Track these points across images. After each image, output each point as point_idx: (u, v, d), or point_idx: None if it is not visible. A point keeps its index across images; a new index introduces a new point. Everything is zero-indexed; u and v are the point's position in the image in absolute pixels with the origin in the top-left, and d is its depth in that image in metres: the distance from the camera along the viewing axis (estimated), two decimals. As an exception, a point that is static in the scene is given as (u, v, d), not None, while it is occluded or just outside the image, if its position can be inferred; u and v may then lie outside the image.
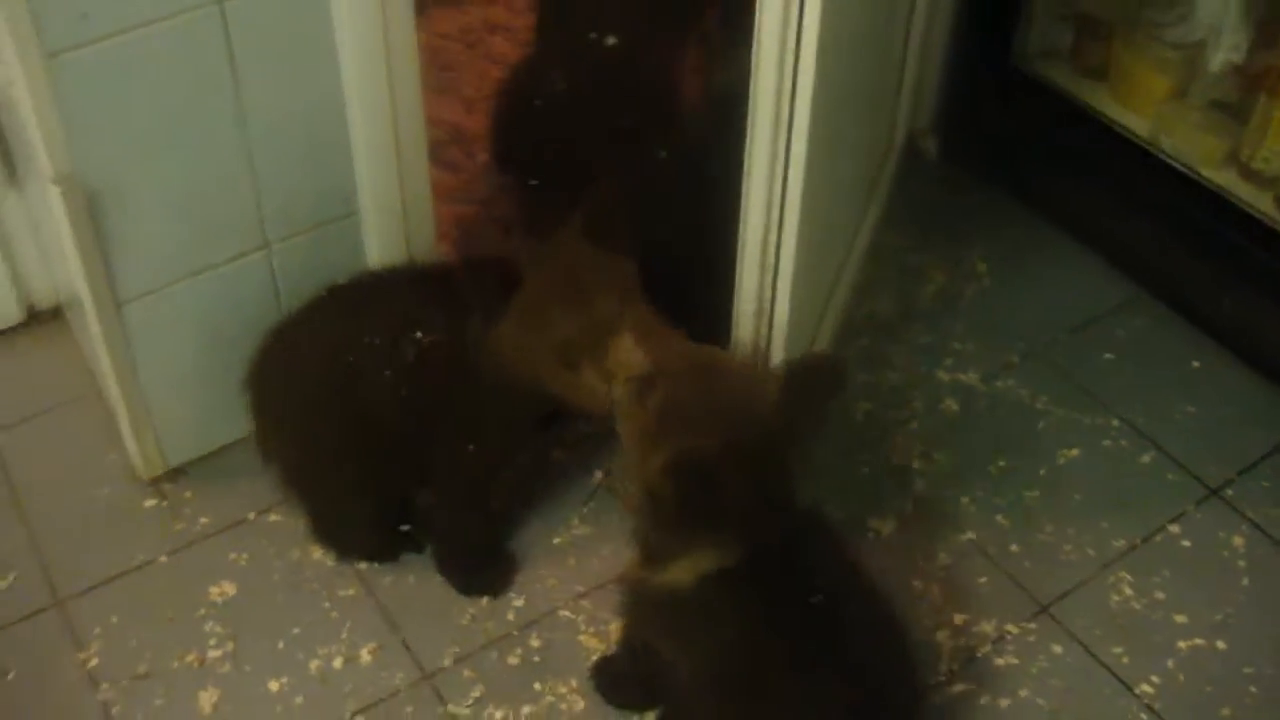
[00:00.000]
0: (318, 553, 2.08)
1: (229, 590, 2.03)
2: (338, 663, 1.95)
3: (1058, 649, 1.98)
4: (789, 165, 1.76)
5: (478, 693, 1.92)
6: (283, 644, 1.97)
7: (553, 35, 2.13)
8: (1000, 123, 2.65)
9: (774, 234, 1.84)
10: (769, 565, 1.61)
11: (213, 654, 1.95)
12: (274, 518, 2.13)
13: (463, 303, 1.86)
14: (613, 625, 1.99)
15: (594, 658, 1.95)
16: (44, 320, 2.44)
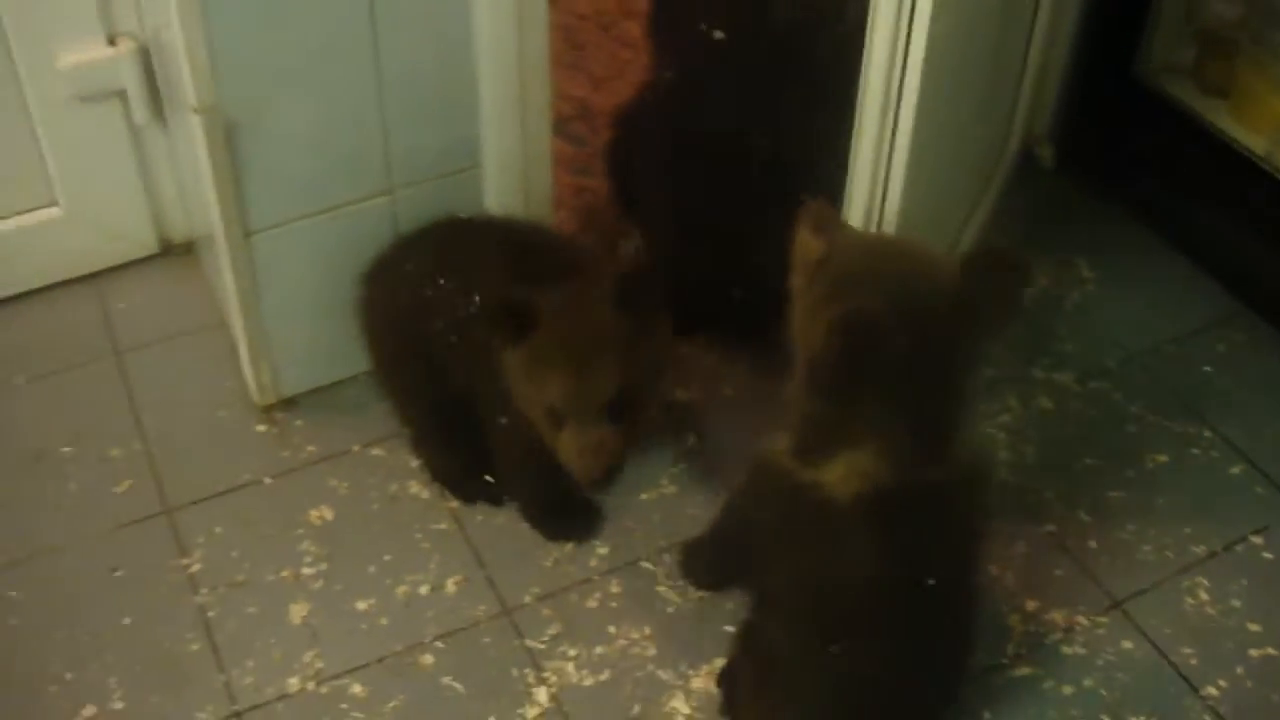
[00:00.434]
0: (415, 487, 2.16)
1: (327, 515, 2.11)
2: (424, 590, 2.02)
3: (1127, 644, 1.99)
4: (892, 156, 1.82)
5: (554, 630, 1.98)
6: (373, 568, 2.04)
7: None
8: (1118, 135, 2.66)
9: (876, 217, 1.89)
10: (923, 507, 1.54)
11: (306, 571, 2.04)
12: (377, 452, 2.20)
13: (528, 279, 1.85)
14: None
15: (669, 609, 2.00)
16: (177, 253, 2.54)
